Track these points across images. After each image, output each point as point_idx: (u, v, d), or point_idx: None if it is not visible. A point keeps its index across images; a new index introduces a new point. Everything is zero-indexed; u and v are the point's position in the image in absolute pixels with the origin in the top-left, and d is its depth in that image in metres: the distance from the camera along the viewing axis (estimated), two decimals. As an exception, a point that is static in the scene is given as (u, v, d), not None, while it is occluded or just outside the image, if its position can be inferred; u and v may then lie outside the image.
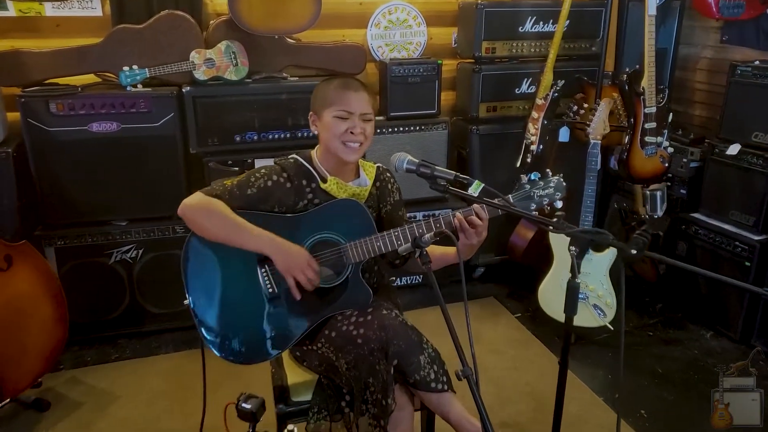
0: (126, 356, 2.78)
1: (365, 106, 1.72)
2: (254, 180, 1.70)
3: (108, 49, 2.68)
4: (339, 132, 1.69)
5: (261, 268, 1.69)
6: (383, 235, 1.68)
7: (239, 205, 1.67)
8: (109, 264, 2.78)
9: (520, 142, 3.10)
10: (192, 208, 1.64)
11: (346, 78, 1.79)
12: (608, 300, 2.79)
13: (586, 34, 3.28)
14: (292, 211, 1.72)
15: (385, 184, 1.89)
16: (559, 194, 1.71)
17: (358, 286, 1.71)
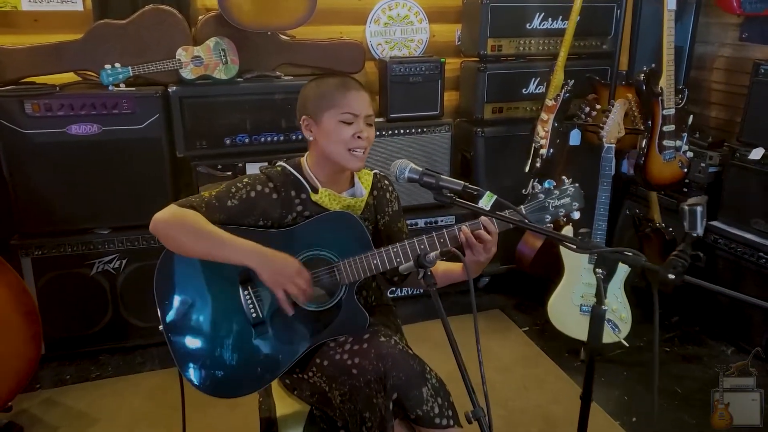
0: (107, 374, 2.60)
1: (368, 107, 1.55)
2: (235, 190, 1.53)
3: (88, 45, 2.51)
4: (344, 138, 1.52)
5: (244, 290, 1.51)
6: (381, 251, 1.50)
7: (218, 219, 1.49)
8: (90, 275, 2.61)
9: (527, 146, 2.92)
10: (165, 222, 1.47)
11: (343, 76, 1.62)
12: (623, 314, 2.61)
13: (596, 32, 3.11)
14: (279, 225, 1.55)
15: (383, 192, 1.71)
16: (576, 204, 1.53)
17: (352, 308, 1.53)
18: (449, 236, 1.50)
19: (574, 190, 1.52)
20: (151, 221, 1.48)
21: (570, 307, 2.65)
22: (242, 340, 1.52)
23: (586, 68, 3.03)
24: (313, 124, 1.57)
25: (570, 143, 2.80)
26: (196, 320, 1.52)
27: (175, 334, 1.50)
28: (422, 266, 1.37)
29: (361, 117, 1.54)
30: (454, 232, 1.50)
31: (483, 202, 1.33)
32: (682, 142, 2.52)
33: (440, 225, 3.05)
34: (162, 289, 1.52)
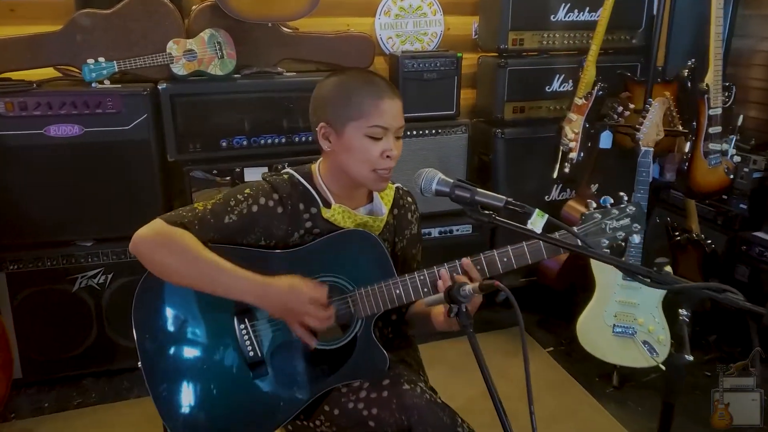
0: (90, 401, 2.36)
1: (401, 117, 1.30)
2: (234, 204, 1.28)
3: (69, 38, 2.26)
4: (372, 157, 1.27)
5: (240, 324, 1.27)
6: (405, 279, 1.26)
7: (213, 238, 1.25)
8: (72, 291, 2.36)
9: (551, 148, 2.68)
10: (149, 241, 1.22)
11: (371, 75, 1.34)
12: (660, 336, 2.36)
13: (625, 25, 2.85)
14: (284, 244, 1.30)
15: (404, 212, 1.46)
16: (637, 226, 1.28)
17: (369, 347, 1.29)
18: (488, 262, 1.25)
19: (635, 210, 1.28)
20: (132, 239, 1.23)
21: (602, 328, 2.40)
22: (237, 384, 1.27)
23: (614, 64, 2.78)
24: (332, 133, 1.30)
25: (600, 146, 2.54)
26: (183, 358, 1.28)
27: (157, 374, 1.26)
28: (455, 301, 1.12)
29: (392, 131, 1.28)
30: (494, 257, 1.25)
31: (533, 223, 1.08)
32: (729, 146, 2.27)
33: (456, 235, 2.80)
34: (142, 318, 1.28)
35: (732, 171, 2.34)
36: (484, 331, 2.85)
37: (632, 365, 2.41)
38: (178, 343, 1.27)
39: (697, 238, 2.61)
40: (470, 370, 1.29)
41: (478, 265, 1.27)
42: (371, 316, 1.28)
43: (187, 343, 1.27)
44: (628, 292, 2.36)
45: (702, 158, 2.26)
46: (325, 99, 1.32)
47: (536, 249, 1.27)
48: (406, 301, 1.27)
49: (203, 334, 1.27)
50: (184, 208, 1.29)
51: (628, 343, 2.38)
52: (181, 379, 1.26)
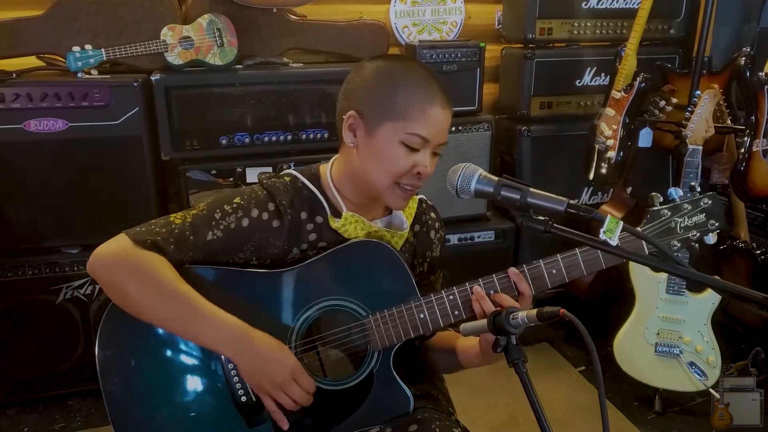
0: (75, 425, 2.14)
1: (446, 133, 1.08)
2: (220, 216, 1.04)
3: (52, 23, 2.05)
4: (400, 168, 1.04)
5: (229, 362, 1.03)
6: (430, 300, 1.02)
7: (191, 259, 1.02)
8: (56, 303, 2.15)
9: (581, 147, 2.44)
10: (109, 264, 1.00)
11: (429, 74, 1.09)
12: (710, 357, 2.11)
13: (662, 14, 2.60)
14: (281, 263, 1.06)
15: (427, 230, 1.22)
16: (714, 223, 1.05)
17: (389, 385, 1.05)
18: (534, 277, 1.02)
19: (711, 203, 1.05)
20: (91, 257, 1.01)
21: (642, 346, 2.15)
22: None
23: (650, 56, 2.53)
24: (361, 126, 1.07)
25: (639, 144, 2.30)
26: (160, 406, 1.04)
27: (128, 424, 1.03)
28: (504, 332, 0.88)
29: (432, 145, 1.06)
30: (542, 272, 1.02)
31: (606, 232, 0.84)
32: (790, 143, 2.02)
33: (477, 242, 2.56)
34: (108, 358, 1.05)
35: (792, 172, 2.08)
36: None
37: (677, 389, 2.16)
38: (154, 389, 1.04)
39: (746, 247, 2.36)
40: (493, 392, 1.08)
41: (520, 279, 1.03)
42: (390, 348, 1.04)
43: (166, 388, 1.04)
44: (673, 307, 2.11)
45: (761, 157, 2.01)
46: (365, 85, 1.08)
47: (593, 258, 1.04)
48: (432, 328, 1.03)
49: (185, 376, 1.04)
50: (158, 220, 1.05)
51: (673, 364, 2.14)
52: (159, 427, 1.03)
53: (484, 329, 0.92)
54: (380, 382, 1.04)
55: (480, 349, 1.02)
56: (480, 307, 1.00)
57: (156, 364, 1.04)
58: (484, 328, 0.92)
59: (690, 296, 2.10)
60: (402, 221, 1.16)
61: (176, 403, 1.04)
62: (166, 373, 1.04)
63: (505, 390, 2.26)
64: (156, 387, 1.03)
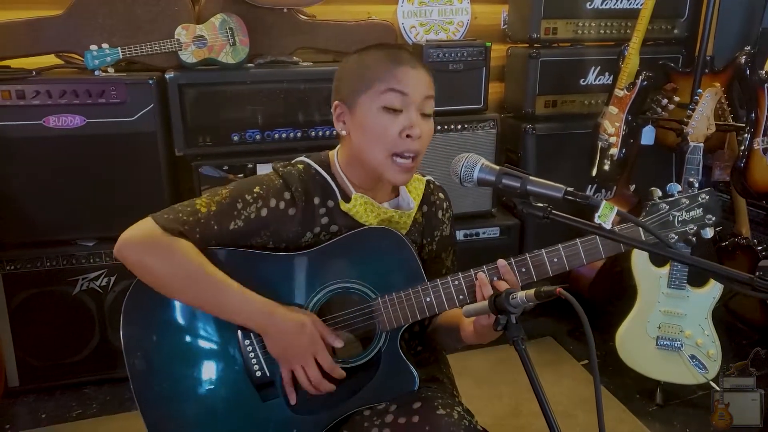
0: (91, 412, 2.19)
1: (427, 86, 1.10)
2: (242, 206, 1.10)
3: (71, 22, 2.12)
4: (387, 137, 1.08)
5: (246, 339, 1.09)
6: (435, 285, 1.07)
7: (214, 244, 1.08)
8: (73, 294, 2.21)
9: (585, 145, 2.49)
10: (139, 248, 1.05)
11: (392, 46, 1.17)
12: (711, 350, 2.14)
13: (665, 14, 2.65)
14: (295, 246, 1.12)
15: (435, 210, 1.27)
16: (711, 218, 1.09)
17: (396, 364, 1.10)
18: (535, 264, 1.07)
19: (708, 198, 1.08)
20: (118, 242, 1.06)
21: (644, 340, 2.19)
22: (244, 409, 1.10)
23: (654, 56, 2.58)
24: (346, 112, 1.13)
25: (642, 142, 2.34)
26: (180, 380, 1.10)
27: (150, 400, 1.09)
28: (503, 311, 0.93)
29: (414, 102, 1.09)
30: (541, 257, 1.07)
31: (601, 216, 0.89)
32: (790, 141, 2.05)
33: (482, 238, 2.60)
34: (132, 334, 1.11)
35: (792, 169, 2.12)
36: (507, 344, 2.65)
37: (678, 382, 2.20)
38: (174, 363, 1.10)
39: (748, 243, 2.39)
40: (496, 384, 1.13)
41: (523, 267, 1.08)
42: (397, 329, 1.10)
43: (186, 364, 1.10)
44: (674, 301, 2.15)
45: (761, 154, 2.04)
46: (340, 75, 1.16)
47: (593, 247, 1.08)
48: (438, 311, 1.08)
49: (204, 352, 1.10)
50: (183, 207, 1.10)
51: (674, 357, 2.17)
52: (179, 404, 1.09)
53: (485, 310, 0.97)
54: (387, 362, 1.09)
55: (474, 329, 1.07)
56: (482, 292, 1.05)
57: (177, 340, 1.10)
58: (485, 309, 0.97)
59: (691, 291, 2.13)
60: (409, 202, 1.20)
61: (195, 378, 1.09)
62: (186, 349, 1.10)
63: (508, 382, 2.30)
64: (176, 362, 1.09)
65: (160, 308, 1.10)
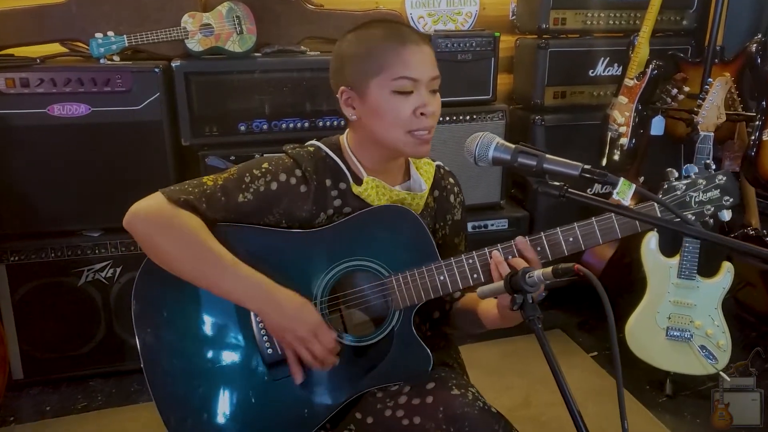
0: (96, 404, 2.18)
1: (433, 66, 1.10)
2: (250, 180, 1.09)
3: (76, 10, 2.10)
4: (403, 116, 1.07)
5: (257, 317, 1.07)
6: (449, 263, 1.06)
7: (222, 218, 1.06)
8: (78, 285, 2.20)
9: (594, 137, 2.47)
10: (146, 220, 1.04)
11: (393, 23, 1.15)
12: (720, 341, 2.12)
13: (674, 5, 2.63)
14: (309, 227, 1.11)
15: (446, 195, 1.26)
16: (729, 199, 1.07)
17: (409, 343, 1.09)
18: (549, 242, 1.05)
19: (725, 179, 1.07)
20: (128, 212, 1.06)
21: (654, 331, 2.17)
22: (254, 387, 1.09)
23: (663, 47, 2.56)
24: (355, 97, 1.12)
25: (651, 133, 2.32)
26: (191, 358, 1.09)
27: (160, 377, 1.07)
28: (519, 290, 0.92)
29: (423, 82, 1.09)
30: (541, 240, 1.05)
31: (619, 193, 0.87)
32: (801, 130, 2.03)
33: (491, 230, 2.58)
34: (143, 310, 1.11)
35: (804, 158, 2.10)
36: (519, 334, 2.63)
37: (687, 372, 2.18)
38: (185, 340, 1.09)
39: (758, 234, 2.37)
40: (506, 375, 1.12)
41: (538, 246, 1.07)
42: (410, 308, 1.08)
43: (196, 340, 1.09)
44: (684, 291, 2.13)
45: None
46: (342, 59, 1.14)
47: (609, 227, 1.07)
48: (452, 290, 1.07)
49: (215, 330, 1.09)
50: (191, 181, 1.11)
51: (684, 348, 2.15)
52: (190, 382, 1.08)
53: (500, 290, 0.95)
54: (400, 341, 1.08)
55: (498, 312, 1.06)
56: (498, 271, 1.03)
57: (187, 317, 1.09)
58: (500, 289, 0.95)
59: (701, 281, 2.11)
60: (420, 184, 1.19)
61: (205, 355, 1.08)
62: (197, 326, 1.09)
63: (518, 373, 2.28)
64: (187, 339, 1.08)
65: (171, 286, 1.09)
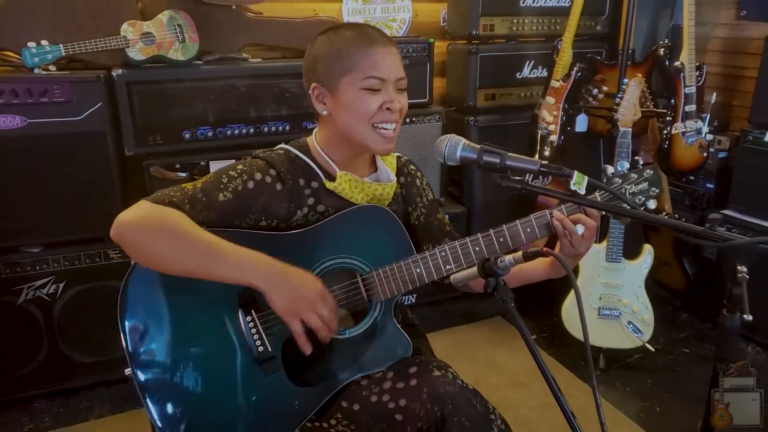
0: (43, 426, 2.10)
1: (399, 67, 1.20)
2: (227, 180, 1.14)
3: (5, 19, 2.02)
4: (370, 111, 1.16)
5: (246, 316, 1.12)
6: (425, 257, 1.15)
7: (206, 219, 1.10)
8: (17, 304, 2.11)
9: (525, 135, 2.65)
10: (134, 226, 1.06)
11: (362, 26, 1.24)
12: (645, 316, 2.36)
13: (589, 12, 2.86)
14: (287, 225, 1.17)
15: (412, 180, 1.37)
16: (656, 190, 1.24)
17: (390, 333, 1.18)
18: (511, 233, 1.17)
19: (652, 173, 1.23)
20: (114, 224, 1.07)
21: (587, 311, 2.38)
22: (246, 383, 1.13)
23: (581, 50, 2.78)
24: (326, 93, 1.20)
25: (576, 129, 2.53)
26: (181, 358, 1.11)
27: (150, 379, 1.09)
28: (493, 274, 1.02)
29: (391, 82, 1.18)
30: (517, 228, 1.17)
31: (575, 184, 1.00)
32: (703, 125, 2.30)
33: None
34: (130, 316, 1.11)
35: (705, 149, 2.37)
36: (465, 323, 2.78)
37: (618, 347, 2.40)
38: (175, 340, 1.10)
39: (671, 218, 2.64)
40: (455, 362, 1.24)
41: (501, 237, 1.18)
42: (391, 299, 1.17)
43: (186, 340, 1.11)
44: (612, 273, 2.35)
45: (680, 136, 2.27)
46: (314, 57, 1.22)
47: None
48: (427, 280, 1.16)
49: (204, 330, 1.12)
50: (171, 187, 1.14)
51: (613, 324, 2.37)
52: (181, 380, 1.10)
53: (474, 276, 1.05)
54: (383, 330, 1.16)
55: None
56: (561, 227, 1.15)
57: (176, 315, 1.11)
58: (473, 274, 1.06)
59: (626, 263, 2.34)
60: (388, 174, 1.29)
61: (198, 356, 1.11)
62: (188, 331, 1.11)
63: (467, 361, 2.42)
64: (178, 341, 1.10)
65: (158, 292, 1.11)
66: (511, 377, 2.38)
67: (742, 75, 2.87)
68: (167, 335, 1.10)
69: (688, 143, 2.30)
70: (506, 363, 2.47)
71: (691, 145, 2.32)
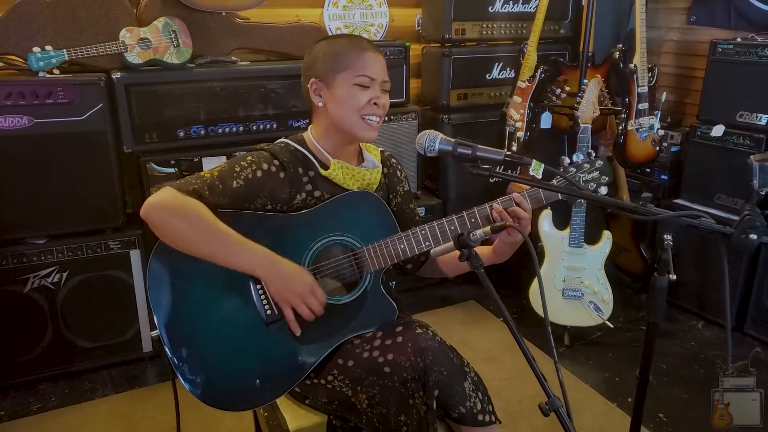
0: (51, 405, 2.25)
1: (385, 71, 1.41)
2: (239, 170, 1.33)
3: (11, 25, 2.15)
4: (359, 104, 1.36)
5: (256, 284, 1.31)
6: (408, 234, 1.35)
7: (223, 203, 1.29)
8: (23, 292, 2.25)
9: (496, 132, 2.87)
10: (161, 209, 1.24)
11: (356, 36, 1.47)
12: (605, 296, 2.59)
13: (553, 16, 3.09)
14: (289, 207, 1.36)
15: (393, 171, 1.57)
16: (606, 178, 1.45)
17: (379, 299, 1.37)
18: (480, 215, 1.37)
19: (603, 164, 1.44)
20: (143, 205, 1.25)
21: (552, 292, 2.60)
22: (255, 342, 1.32)
23: (546, 52, 3.01)
24: (323, 87, 1.40)
25: (542, 126, 2.75)
26: (199, 320, 1.30)
27: (175, 338, 1.27)
28: (465, 246, 1.22)
29: (378, 82, 1.39)
30: (486, 210, 1.37)
31: (534, 170, 1.21)
32: (655, 121, 2.54)
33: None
34: (157, 285, 1.29)
35: (658, 143, 2.62)
36: (441, 307, 2.99)
37: (581, 325, 2.63)
38: (195, 305, 1.28)
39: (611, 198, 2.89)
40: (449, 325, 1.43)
41: (473, 218, 1.38)
42: (379, 271, 1.36)
43: (205, 305, 1.29)
44: (575, 257, 2.57)
45: (634, 132, 2.51)
46: (314, 58, 1.42)
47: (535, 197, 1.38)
48: (410, 254, 1.36)
49: (221, 295, 1.30)
50: (191, 176, 1.31)
51: (576, 304, 2.60)
52: (200, 339, 1.28)
53: (451, 249, 1.25)
54: (372, 297, 1.36)
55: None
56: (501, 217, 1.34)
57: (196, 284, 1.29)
58: (450, 248, 1.25)
59: (587, 247, 2.57)
60: (373, 162, 1.48)
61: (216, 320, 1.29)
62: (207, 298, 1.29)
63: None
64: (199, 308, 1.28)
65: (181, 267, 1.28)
66: (483, 353, 2.59)
67: (693, 75, 3.14)
68: (188, 298, 1.28)
69: (641, 138, 2.55)
70: (479, 341, 2.69)
71: (644, 139, 2.56)
